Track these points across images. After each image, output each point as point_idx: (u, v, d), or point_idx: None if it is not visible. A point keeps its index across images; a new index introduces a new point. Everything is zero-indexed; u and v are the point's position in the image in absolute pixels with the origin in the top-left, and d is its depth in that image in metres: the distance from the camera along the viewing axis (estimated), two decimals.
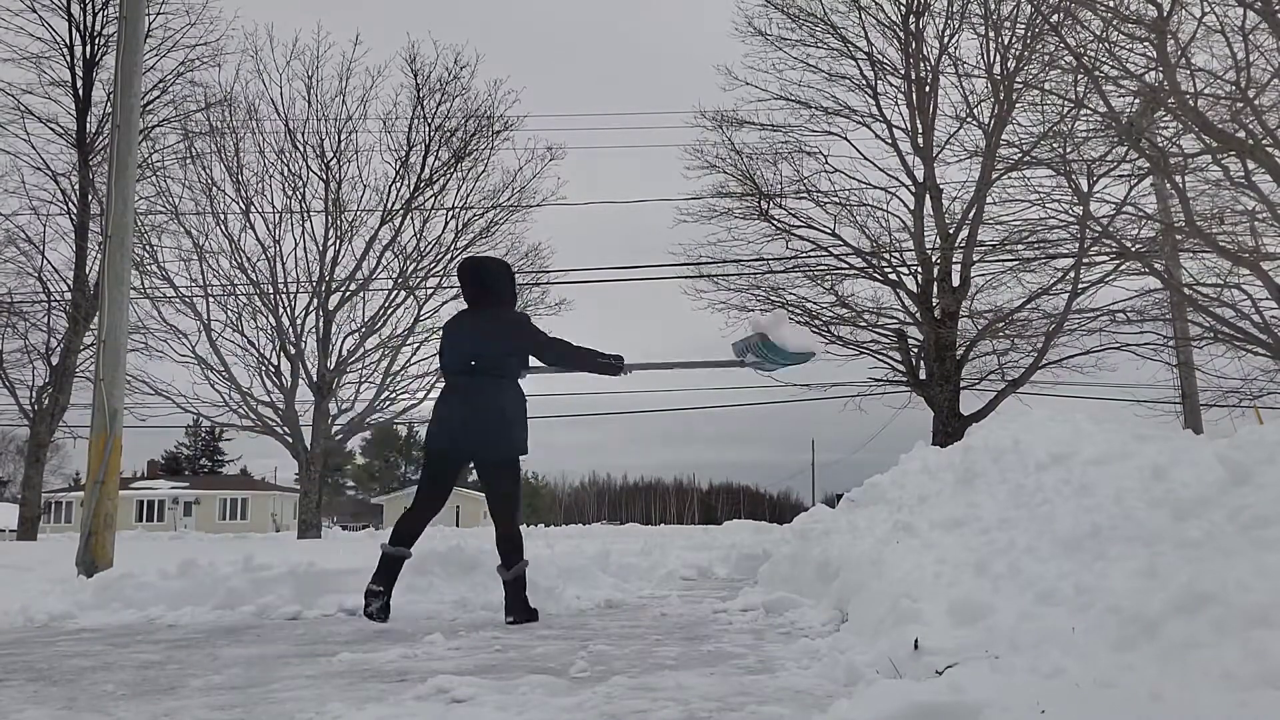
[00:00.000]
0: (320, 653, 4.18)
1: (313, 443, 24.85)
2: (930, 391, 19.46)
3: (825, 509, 8.15)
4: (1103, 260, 17.32)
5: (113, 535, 8.06)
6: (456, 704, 2.99)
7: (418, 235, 25.98)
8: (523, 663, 3.83)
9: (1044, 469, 4.70)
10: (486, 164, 26.27)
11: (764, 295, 20.90)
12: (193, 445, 74.45)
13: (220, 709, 3.03)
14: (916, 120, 20.21)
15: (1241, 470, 3.20)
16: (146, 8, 18.64)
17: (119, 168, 8.61)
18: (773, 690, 3.16)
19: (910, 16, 20.06)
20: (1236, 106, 10.25)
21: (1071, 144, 14.35)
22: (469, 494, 69.56)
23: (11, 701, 3.20)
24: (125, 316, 8.73)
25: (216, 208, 25.01)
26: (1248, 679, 2.11)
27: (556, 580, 6.27)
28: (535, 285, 26.43)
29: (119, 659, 4.14)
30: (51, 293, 23.68)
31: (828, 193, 20.88)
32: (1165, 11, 10.31)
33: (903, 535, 4.96)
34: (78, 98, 23.70)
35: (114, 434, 8.10)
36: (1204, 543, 2.94)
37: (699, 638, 4.57)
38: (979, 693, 2.36)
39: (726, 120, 21.14)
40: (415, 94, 25.67)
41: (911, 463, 6.89)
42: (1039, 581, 3.36)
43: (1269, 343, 12.90)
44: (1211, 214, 12.85)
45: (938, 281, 19.66)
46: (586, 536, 19.90)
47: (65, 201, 23.72)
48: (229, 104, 24.91)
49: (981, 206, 19.02)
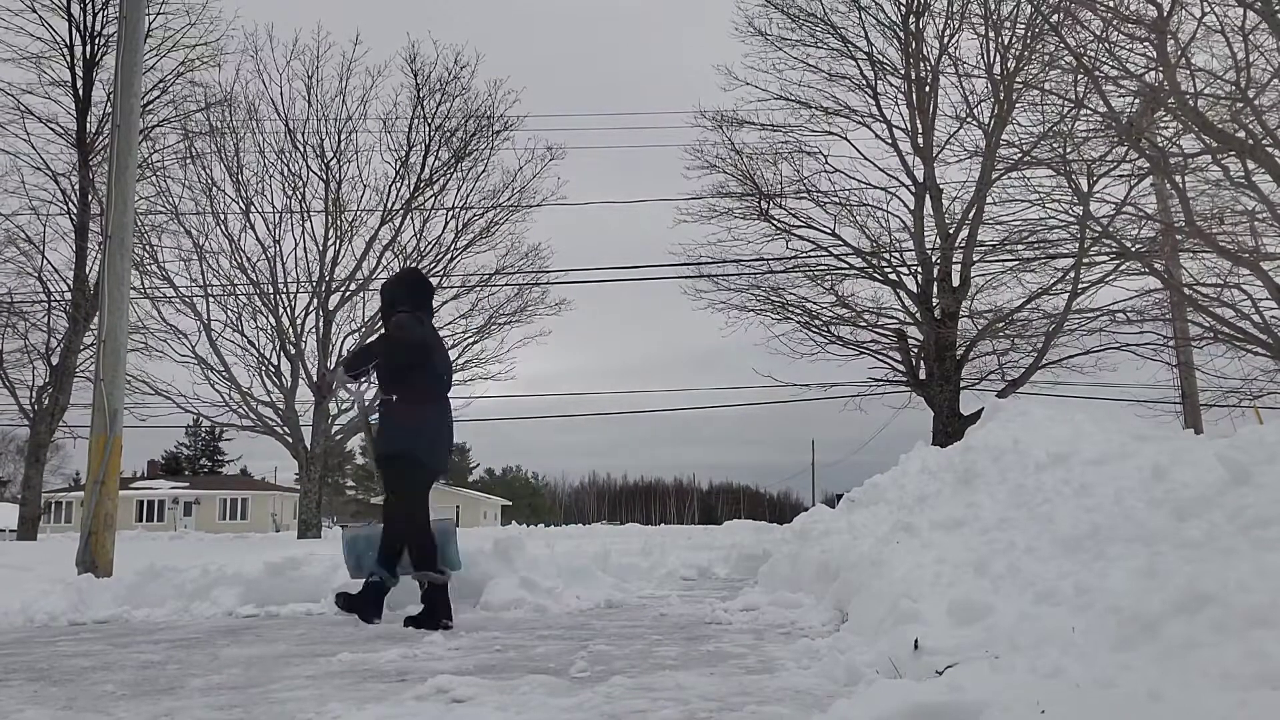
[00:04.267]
0: (320, 653, 4.18)
1: (313, 443, 24.84)
2: (930, 391, 19.45)
3: (825, 509, 8.15)
4: (1103, 260, 17.33)
5: (113, 535, 8.06)
6: (456, 704, 2.99)
7: (418, 235, 25.97)
8: (523, 663, 3.83)
9: (1044, 469, 4.69)
10: (486, 164, 26.25)
11: (764, 295, 20.92)
12: (193, 445, 74.41)
13: (220, 709, 3.03)
14: (916, 120, 20.20)
15: (1241, 470, 3.19)
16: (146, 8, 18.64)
17: (119, 168, 8.61)
18: (773, 690, 3.16)
19: (910, 16, 20.06)
20: (1236, 106, 10.24)
21: (1071, 144, 14.34)
22: (469, 494, 69.64)
23: (11, 701, 3.20)
24: (125, 316, 8.72)
25: (216, 208, 24.99)
26: (1248, 679, 2.11)
27: (556, 580, 6.27)
28: (535, 285, 26.40)
29: (119, 659, 4.14)
30: (51, 293, 23.67)
31: (828, 193, 20.88)
32: (1165, 11, 10.30)
33: (903, 535, 4.96)
34: (78, 98, 23.68)
35: (114, 434, 8.10)
36: (1204, 543, 2.94)
37: (699, 638, 4.57)
38: (979, 693, 2.36)
39: (726, 120, 21.14)
40: (415, 94, 25.64)
41: (911, 463, 6.89)
42: (1039, 581, 3.36)
43: (1269, 343, 12.89)
44: (1211, 214, 12.84)
45: (938, 281, 19.65)
46: (586, 537, 19.89)
47: (65, 201, 23.72)
48: (229, 104, 24.90)
49: (981, 206, 19.02)
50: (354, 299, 25.79)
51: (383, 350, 5.43)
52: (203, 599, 5.93)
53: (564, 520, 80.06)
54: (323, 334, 25.44)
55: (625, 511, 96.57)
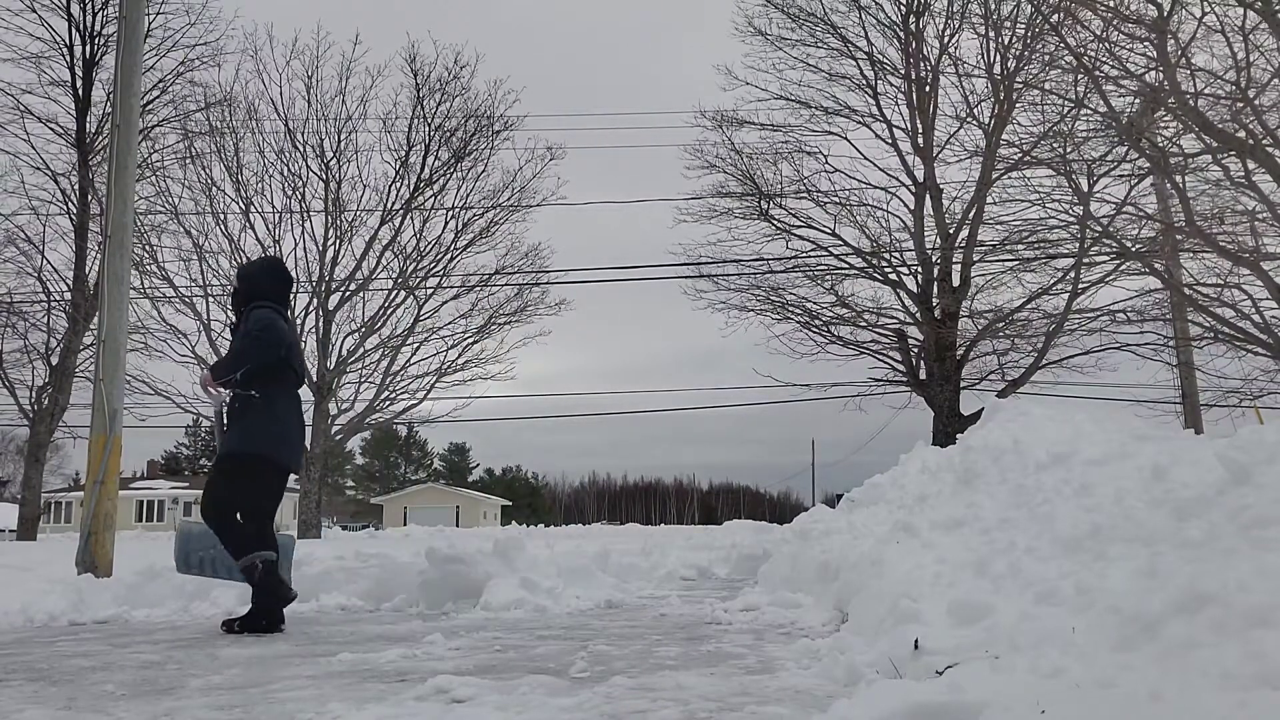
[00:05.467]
0: (320, 653, 4.18)
1: (313, 443, 24.84)
2: (930, 391, 19.46)
3: (825, 509, 8.15)
4: (1103, 260, 17.34)
5: (113, 535, 8.06)
6: (456, 704, 2.99)
7: (417, 235, 25.98)
8: (523, 663, 3.83)
9: (1044, 469, 4.69)
10: (486, 164, 26.27)
11: (764, 295, 20.93)
12: (193, 445, 74.41)
13: (220, 709, 3.03)
14: (916, 120, 20.20)
15: (1241, 470, 3.19)
16: (146, 8, 18.65)
17: (119, 168, 8.61)
18: (773, 690, 3.16)
19: (910, 16, 20.07)
20: (1236, 106, 10.24)
21: (1071, 144, 14.35)
22: (469, 494, 69.60)
23: (11, 701, 3.20)
24: (125, 316, 8.73)
25: (216, 208, 25.01)
26: (1248, 679, 2.11)
27: (557, 580, 6.27)
28: (535, 285, 26.40)
29: (119, 659, 4.14)
30: (51, 293, 23.67)
31: (828, 193, 20.90)
32: (1165, 11, 10.31)
33: (903, 535, 4.96)
34: (77, 98, 23.68)
35: (114, 434, 8.10)
36: (1204, 543, 2.93)
37: (699, 638, 4.57)
38: (979, 693, 2.36)
39: (726, 120, 21.15)
40: (415, 94, 25.66)
41: (911, 463, 6.89)
42: (1039, 581, 3.36)
43: (1269, 343, 12.89)
44: (1211, 214, 12.84)
45: (938, 281, 19.66)
46: (586, 537, 19.90)
47: (65, 201, 23.71)
48: (229, 104, 24.92)
49: (981, 206, 19.03)
50: (354, 299, 25.80)
51: (243, 348, 5.18)
52: (203, 599, 5.93)
53: (564, 520, 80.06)
54: (323, 334, 25.46)
55: (625, 511, 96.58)
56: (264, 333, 5.11)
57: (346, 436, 27.49)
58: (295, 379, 5.38)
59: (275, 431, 5.15)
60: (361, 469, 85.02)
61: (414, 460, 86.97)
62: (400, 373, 26.21)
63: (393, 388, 26.18)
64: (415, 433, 78.64)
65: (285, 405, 5.27)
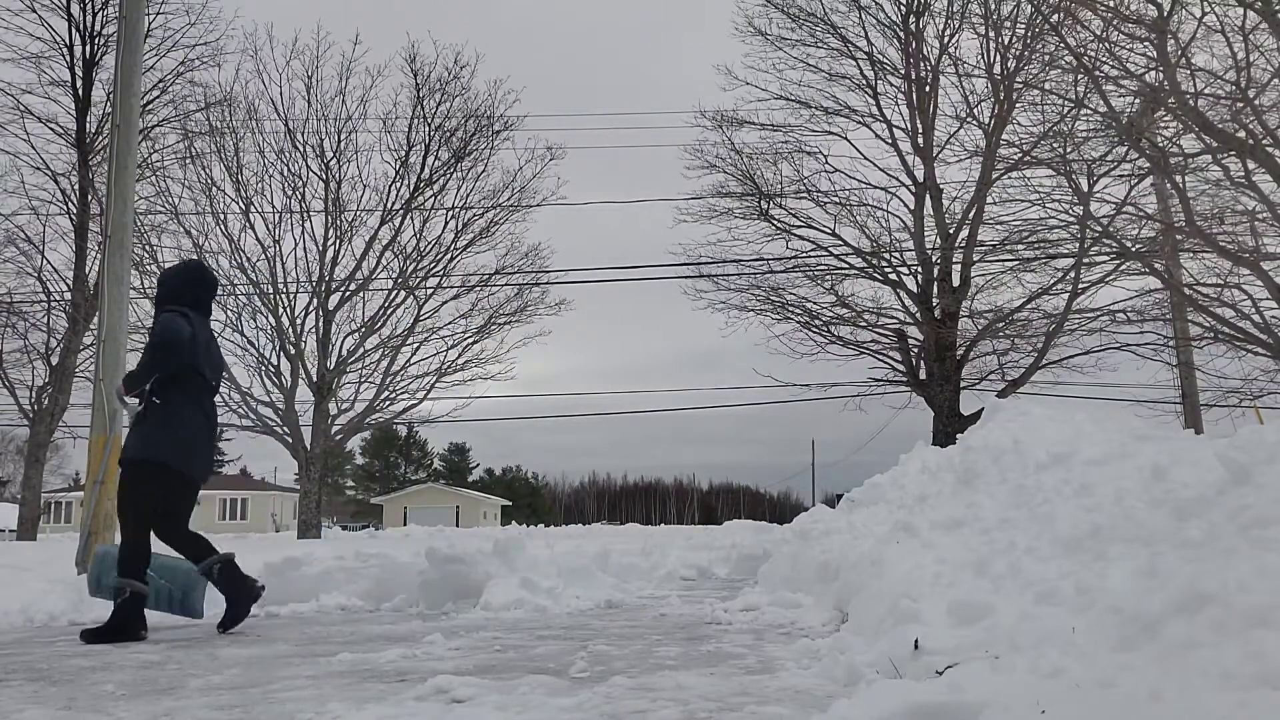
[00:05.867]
0: (320, 653, 4.18)
1: (313, 443, 24.83)
2: (930, 391, 19.45)
3: (825, 509, 8.15)
4: (1103, 260, 17.33)
5: (113, 535, 8.05)
6: (456, 704, 2.99)
7: (417, 235, 25.94)
8: (523, 663, 3.83)
9: (1044, 469, 4.69)
10: (486, 164, 26.23)
11: (764, 295, 20.92)
12: None
13: (220, 709, 3.03)
14: (916, 120, 20.20)
15: (1241, 470, 3.19)
16: (146, 8, 18.65)
17: (119, 168, 8.62)
18: (773, 690, 3.16)
19: (910, 16, 20.05)
20: (1236, 106, 10.24)
21: (1071, 144, 14.35)
22: (469, 494, 69.60)
23: (11, 701, 3.20)
24: (125, 316, 8.74)
25: (216, 208, 24.98)
26: (1248, 679, 2.11)
27: (557, 580, 6.27)
28: (535, 285, 26.38)
29: (119, 659, 4.14)
30: (51, 293, 23.65)
31: (828, 193, 20.88)
32: (1165, 11, 10.30)
33: (903, 535, 4.96)
34: (77, 98, 23.67)
35: (114, 434, 8.10)
36: (1204, 543, 2.93)
37: (699, 638, 4.57)
38: (979, 693, 2.36)
39: (726, 120, 21.14)
40: (415, 94, 25.62)
41: (911, 463, 6.89)
42: (1039, 581, 3.36)
43: (1269, 343, 12.88)
44: (1211, 214, 12.84)
45: (938, 281, 19.65)
46: (586, 537, 19.88)
47: (65, 201, 23.68)
48: (229, 104, 24.90)
49: (981, 206, 19.02)
50: (354, 299, 25.79)
51: (149, 358, 5.15)
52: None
53: (564, 520, 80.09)
54: (322, 334, 25.44)
55: (625, 511, 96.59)
56: (163, 339, 5.08)
57: (346, 436, 27.46)
58: (203, 383, 5.29)
59: (176, 437, 5.10)
60: (361, 469, 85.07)
61: (414, 460, 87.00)
62: (400, 373, 26.19)
63: (393, 388, 26.16)
64: (415, 433, 78.74)
65: (190, 411, 5.18)
